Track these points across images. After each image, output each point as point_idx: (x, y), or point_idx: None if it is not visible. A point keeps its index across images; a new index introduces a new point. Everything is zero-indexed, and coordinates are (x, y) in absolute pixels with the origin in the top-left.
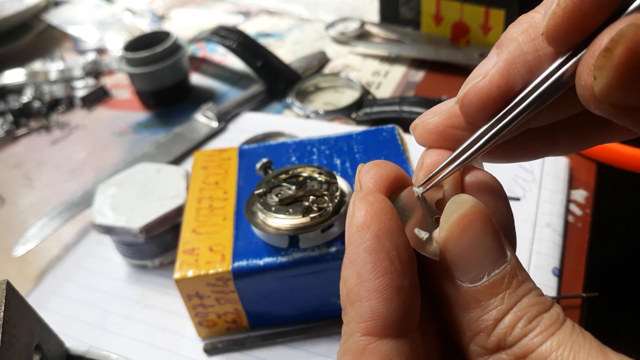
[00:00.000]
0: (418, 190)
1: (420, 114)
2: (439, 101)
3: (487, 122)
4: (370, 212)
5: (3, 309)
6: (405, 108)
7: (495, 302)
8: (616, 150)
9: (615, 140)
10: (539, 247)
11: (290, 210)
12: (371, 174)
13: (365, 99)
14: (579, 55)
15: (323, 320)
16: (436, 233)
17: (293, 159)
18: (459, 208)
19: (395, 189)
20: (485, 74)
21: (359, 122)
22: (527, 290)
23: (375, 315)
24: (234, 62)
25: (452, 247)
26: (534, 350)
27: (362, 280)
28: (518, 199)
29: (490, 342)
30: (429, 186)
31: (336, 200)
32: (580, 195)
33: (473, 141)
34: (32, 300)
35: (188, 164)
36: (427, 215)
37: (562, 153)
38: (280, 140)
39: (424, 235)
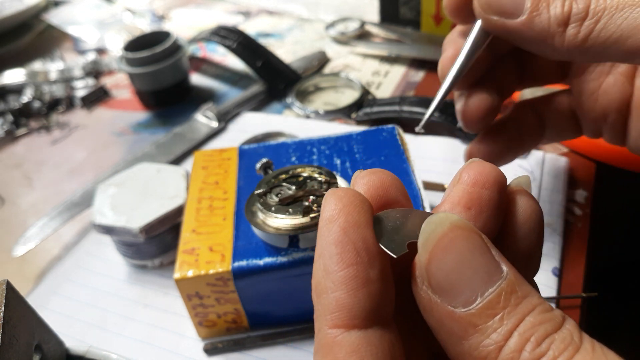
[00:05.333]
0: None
1: (420, 113)
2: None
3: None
4: (338, 206)
5: (3, 309)
6: (405, 108)
7: (494, 324)
8: (616, 150)
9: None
10: None
11: (290, 210)
12: (365, 180)
13: (365, 98)
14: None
15: None
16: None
17: (293, 159)
18: (436, 228)
19: (389, 198)
20: None
21: (359, 122)
22: (531, 307)
23: (341, 307)
24: (234, 62)
25: (435, 271)
26: None
27: (328, 272)
28: None
29: None
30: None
31: None
32: (580, 195)
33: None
34: (32, 300)
35: (188, 164)
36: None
37: (550, 140)
38: (280, 140)
39: (394, 245)
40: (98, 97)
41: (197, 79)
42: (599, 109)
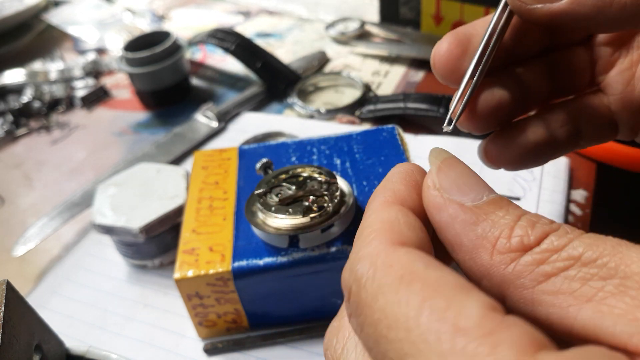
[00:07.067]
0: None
1: (425, 110)
2: (443, 97)
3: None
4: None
5: (3, 309)
6: (410, 105)
7: (501, 212)
8: (616, 150)
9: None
10: None
11: (290, 210)
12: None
13: (367, 96)
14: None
15: (323, 320)
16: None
17: (293, 159)
18: (440, 152)
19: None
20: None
21: (363, 120)
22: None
23: (396, 192)
24: (234, 63)
25: (444, 177)
26: (564, 247)
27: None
28: (518, 199)
29: (514, 243)
30: (455, 112)
31: (336, 200)
32: (580, 195)
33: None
34: (32, 300)
35: (188, 164)
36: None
37: (587, 144)
38: (280, 140)
39: None
40: (98, 97)
41: (197, 79)
42: (637, 98)
